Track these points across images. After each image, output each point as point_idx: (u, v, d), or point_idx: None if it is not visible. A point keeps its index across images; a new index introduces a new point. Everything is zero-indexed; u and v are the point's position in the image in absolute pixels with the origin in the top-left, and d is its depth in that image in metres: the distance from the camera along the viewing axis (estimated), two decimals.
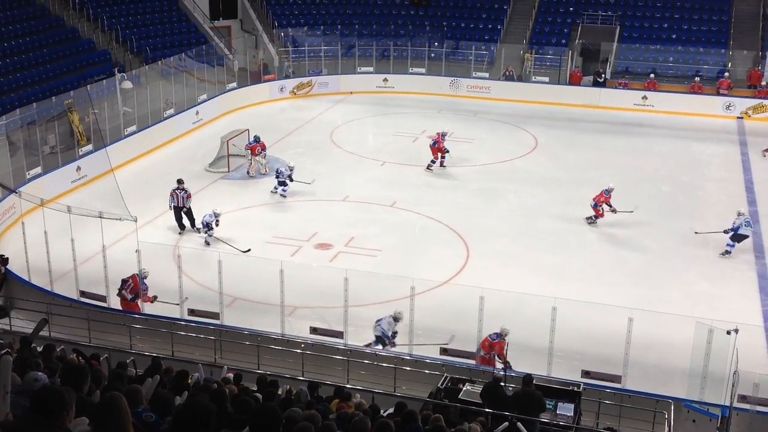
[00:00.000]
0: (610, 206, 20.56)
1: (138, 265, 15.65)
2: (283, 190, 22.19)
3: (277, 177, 22.30)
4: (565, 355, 14.39)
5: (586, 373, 13.48)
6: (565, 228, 20.75)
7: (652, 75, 32.36)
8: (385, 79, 34.12)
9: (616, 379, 13.31)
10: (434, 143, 24.70)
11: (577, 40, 34.94)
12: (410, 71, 34.38)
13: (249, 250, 18.76)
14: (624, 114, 30.94)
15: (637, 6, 36.26)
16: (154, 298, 15.76)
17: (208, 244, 18.99)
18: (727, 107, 30.66)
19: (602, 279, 18.00)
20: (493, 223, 21.02)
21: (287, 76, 33.81)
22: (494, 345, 13.97)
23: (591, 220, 20.75)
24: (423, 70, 34.37)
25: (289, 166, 22.40)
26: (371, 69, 34.39)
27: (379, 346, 14.78)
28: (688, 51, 34.13)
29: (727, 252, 18.99)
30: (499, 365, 13.64)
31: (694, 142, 28.03)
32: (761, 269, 18.53)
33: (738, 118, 30.38)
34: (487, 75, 33.99)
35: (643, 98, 31.50)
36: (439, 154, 24.63)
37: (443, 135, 24.74)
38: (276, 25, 36.76)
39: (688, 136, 28.66)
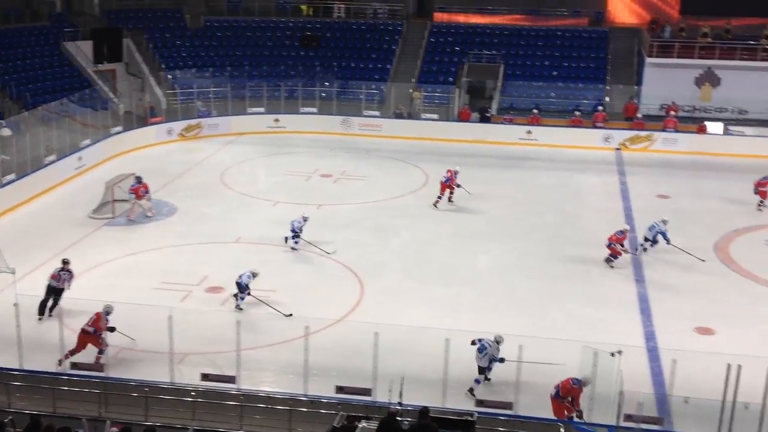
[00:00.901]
0: (623, 246, 20.77)
1: (16, 319, 14.92)
2: (295, 242, 21.52)
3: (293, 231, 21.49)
4: (460, 386, 14.54)
5: (479, 402, 13.64)
6: (457, 261, 21.10)
7: (535, 110, 33.54)
8: (277, 119, 34.11)
9: (508, 406, 13.50)
10: (446, 180, 24.95)
11: (463, 78, 35.92)
12: (301, 111, 34.50)
13: (291, 314, 17.65)
14: (510, 148, 31.91)
15: (520, 45, 37.65)
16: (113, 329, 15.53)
17: (240, 308, 17.92)
18: (606, 139, 32.02)
19: (493, 308, 18.34)
20: (387, 259, 21.17)
21: (200, 115, 33.24)
22: (574, 390, 13.49)
23: (610, 261, 20.74)
24: (314, 110, 34.55)
25: (304, 217, 21.63)
26: (262, 109, 34.33)
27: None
28: (568, 87, 35.60)
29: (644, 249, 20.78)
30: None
31: (577, 173, 29.10)
32: (642, 292, 19.28)
33: (616, 149, 31.76)
34: (378, 113, 34.48)
35: (527, 133, 32.56)
36: (448, 191, 24.92)
37: (456, 173, 25.02)
38: (163, 67, 36.29)
39: (570, 167, 29.73)
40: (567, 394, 13.58)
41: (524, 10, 38.74)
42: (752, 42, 33.92)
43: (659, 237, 21.29)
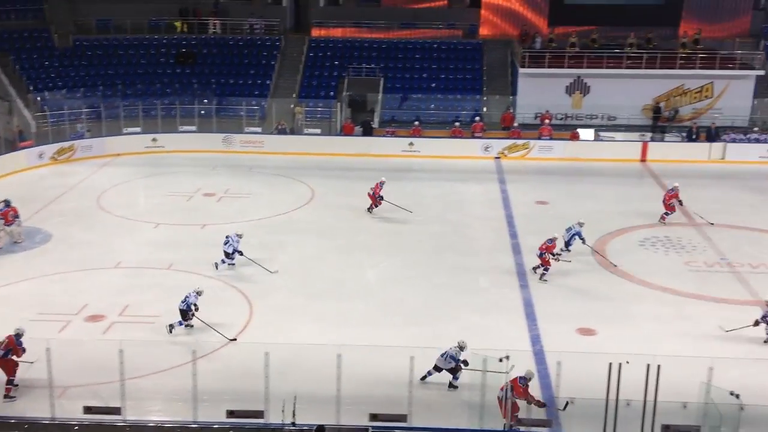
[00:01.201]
0: (554, 255, 20.88)
1: None
2: (232, 259, 20.95)
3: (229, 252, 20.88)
4: (354, 401, 14.47)
5: (373, 417, 13.61)
6: (345, 275, 21.08)
7: (416, 122, 34.01)
8: (154, 139, 33.23)
9: (402, 418, 13.53)
10: (374, 192, 25.59)
11: (344, 93, 36.05)
12: (180, 129, 33.75)
13: (235, 339, 17.21)
14: (393, 160, 32.21)
15: (398, 58, 38.14)
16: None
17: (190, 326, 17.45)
18: (486, 149, 32.81)
19: (384, 321, 18.39)
20: (274, 277, 20.90)
21: (73, 137, 31.77)
22: (525, 389, 13.74)
23: (539, 270, 20.80)
24: (194, 128, 33.87)
25: (237, 234, 21.09)
26: (139, 129, 33.37)
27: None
28: (447, 98, 36.31)
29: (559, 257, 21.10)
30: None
31: (459, 183, 29.65)
32: (526, 296, 19.78)
33: (496, 158, 32.59)
34: (259, 129, 34.14)
35: (409, 144, 32.97)
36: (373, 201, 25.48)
37: (381, 184, 25.62)
38: (31, 89, 34.75)
39: (453, 177, 30.29)
40: (521, 395, 13.81)
41: (400, 24, 39.30)
42: (617, 50, 35.56)
43: (575, 239, 22.02)
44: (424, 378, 15.24)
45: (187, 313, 17.42)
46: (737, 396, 12.61)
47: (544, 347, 17.06)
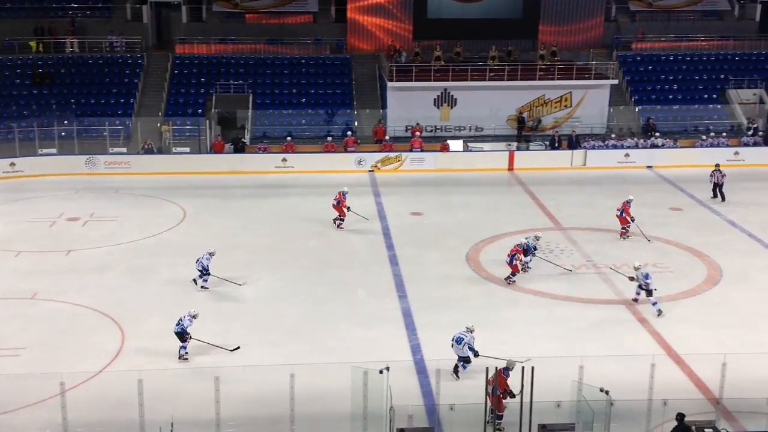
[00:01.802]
0: (523, 262, 21.43)
1: None
2: (204, 281, 20.76)
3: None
4: (235, 423, 14.16)
5: None
6: (223, 294, 20.64)
7: (288, 138, 33.84)
8: (12, 164, 31.55)
9: None
10: (338, 203, 25.61)
11: (213, 110, 35.45)
12: (40, 153, 32.22)
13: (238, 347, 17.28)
14: (267, 177, 31.89)
15: (266, 74, 37.88)
16: None
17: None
18: (359, 162, 33.00)
19: (264, 339, 18.10)
20: (148, 301, 20.23)
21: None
22: (505, 381, 14.18)
23: (509, 279, 21.33)
24: (54, 151, 32.43)
25: (210, 252, 20.84)
26: None
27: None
28: (318, 113, 36.35)
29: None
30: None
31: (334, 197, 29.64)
32: (405, 306, 19.97)
33: (369, 171, 32.83)
34: (125, 150, 33.05)
35: (282, 160, 32.74)
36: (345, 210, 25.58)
37: (344, 194, 25.73)
38: None
39: (328, 192, 30.03)
40: (503, 387, 14.13)
41: (267, 40, 39.05)
42: (481, 63, 36.64)
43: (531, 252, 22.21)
44: (456, 372, 16.11)
45: (183, 335, 16.96)
46: (607, 392, 13.14)
47: (424, 356, 17.25)
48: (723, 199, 28.62)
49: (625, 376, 15.03)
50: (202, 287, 20.89)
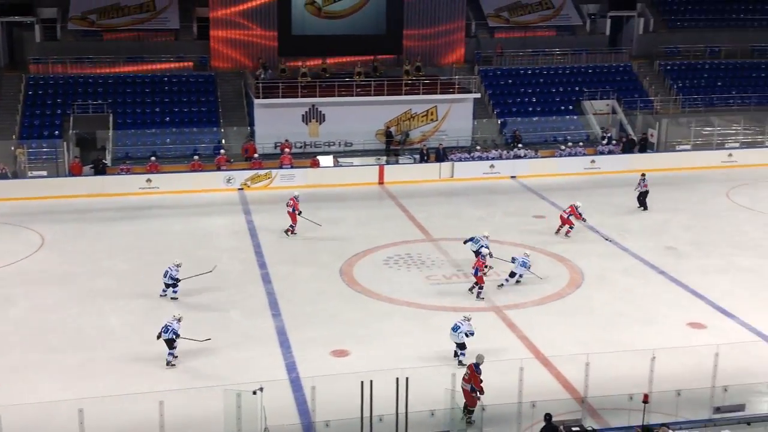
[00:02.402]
0: (484, 268, 21.70)
1: None
2: (174, 292, 21.04)
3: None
4: None
5: None
6: (86, 323, 19.77)
7: (153, 158, 32.89)
8: None
9: None
10: (292, 209, 26.36)
11: (71, 131, 34.04)
12: None
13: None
14: (131, 199, 30.85)
15: (127, 93, 36.71)
16: None
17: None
18: (228, 180, 32.47)
19: (130, 368, 17.42)
20: (6, 332, 19.12)
21: None
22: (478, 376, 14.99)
23: (477, 289, 21.73)
24: None
25: (177, 264, 21.22)
26: None
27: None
28: (183, 132, 35.55)
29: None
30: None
31: (204, 216, 29.06)
32: (279, 325, 19.73)
33: (239, 189, 32.36)
34: None
35: (147, 181, 31.76)
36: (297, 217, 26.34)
37: (297, 197, 26.71)
38: None
39: (197, 212, 29.63)
40: (477, 384, 14.88)
41: (126, 59, 37.88)
42: (347, 79, 36.89)
43: (483, 249, 22.58)
44: (460, 361, 17.14)
45: (173, 341, 17.23)
46: (479, 398, 13.38)
47: (300, 374, 17.08)
48: (645, 207, 29.56)
49: (496, 380, 15.36)
50: (172, 298, 21.04)
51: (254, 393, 12.75)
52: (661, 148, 37.29)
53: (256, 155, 34.07)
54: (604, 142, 37.28)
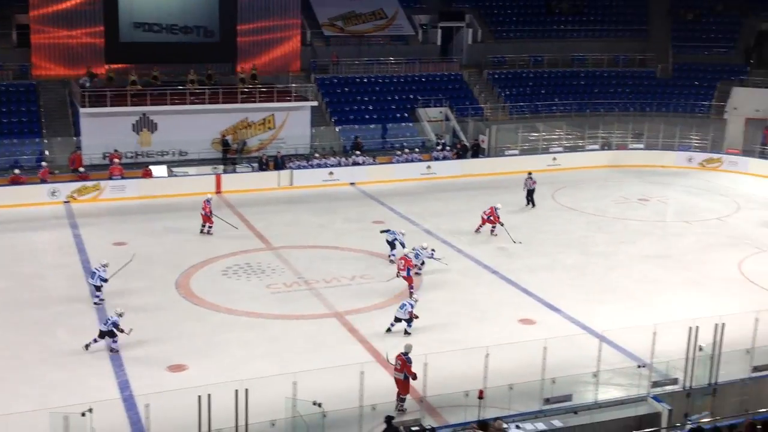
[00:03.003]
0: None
1: None
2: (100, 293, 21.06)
3: None
4: None
5: None
6: None
7: None
8: None
9: None
10: (205, 213, 27.22)
11: None
12: None
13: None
14: None
15: None
16: None
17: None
18: (53, 193, 30.75)
19: None
20: None
21: None
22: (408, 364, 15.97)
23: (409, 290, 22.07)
24: None
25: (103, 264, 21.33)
26: None
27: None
28: (3, 143, 33.42)
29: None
30: None
31: (27, 232, 27.38)
32: (109, 343, 18.84)
33: (65, 202, 30.72)
34: None
35: None
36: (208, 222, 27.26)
37: (208, 200, 27.57)
38: None
39: (19, 227, 27.87)
40: (410, 371, 15.89)
41: None
42: (180, 87, 35.90)
43: (425, 259, 23.68)
44: (388, 330, 19.58)
45: (113, 332, 18.09)
46: (319, 405, 13.34)
47: (133, 392, 16.38)
48: (533, 205, 31.33)
49: (338, 386, 15.35)
50: (100, 301, 20.98)
51: (83, 414, 12.08)
52: (491, 153, 38.80)
53: (81, 168, 32.43)
54: (439, 148, 38.35)
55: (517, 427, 14.04)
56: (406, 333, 19.36)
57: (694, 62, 44.05)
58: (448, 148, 38.51)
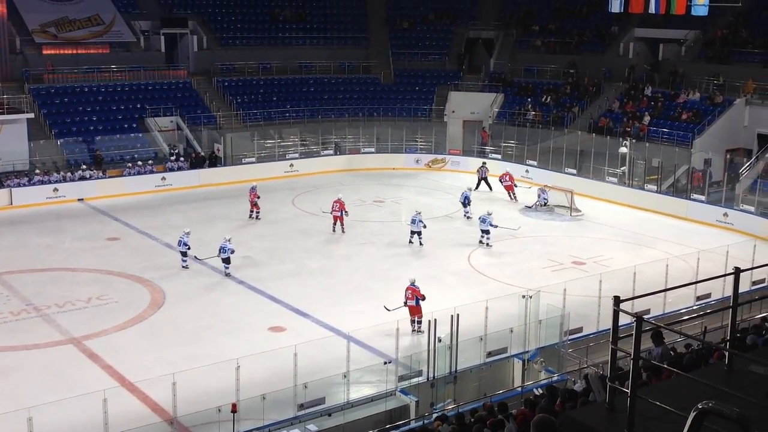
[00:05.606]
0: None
1: None
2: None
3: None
4: None
5: None
6: None
7: None
8: None
9: None
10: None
11: None
12: None
13: None
14: None
15: None
16: None
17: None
18: None
19: None
20: None
21: None
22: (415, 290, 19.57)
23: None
24: None
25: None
26: None
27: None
28: None
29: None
30: None
31: None
32: None
33: None
34: None
35: None
36: None
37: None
38: None
39: None
40: (419, 294, 19.62)
41: None
42: None
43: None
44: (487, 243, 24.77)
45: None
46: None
47: None
48: (490, 188, 35.33)
49: (80, 417, 14.38)
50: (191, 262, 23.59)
51: None
52: (228, 162, 38.37)
53: None
54: (173, 158, 37.25)
55: None
56: (488, 245, 26.81)
57: (413, 68, 46.55)
58: (182, 158, 37.51)
